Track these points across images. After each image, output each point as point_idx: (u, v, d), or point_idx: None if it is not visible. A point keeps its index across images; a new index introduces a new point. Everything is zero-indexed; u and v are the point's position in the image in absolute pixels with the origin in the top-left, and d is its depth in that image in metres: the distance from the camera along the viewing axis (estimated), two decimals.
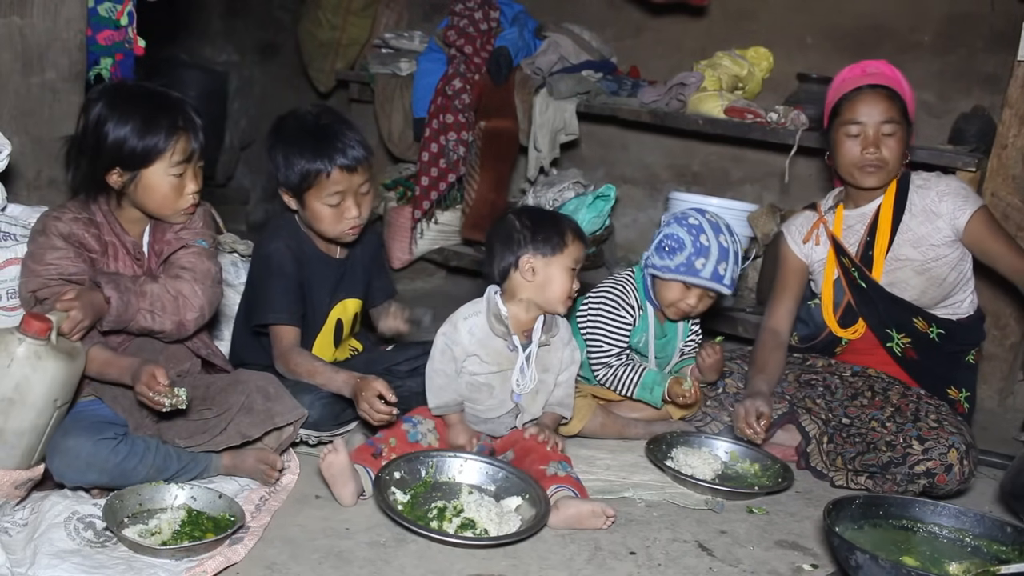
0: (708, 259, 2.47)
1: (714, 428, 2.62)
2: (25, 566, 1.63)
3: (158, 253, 2.08)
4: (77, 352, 1.89)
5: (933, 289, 2.58)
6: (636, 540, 2.01)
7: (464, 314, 2.25)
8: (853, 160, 2.56)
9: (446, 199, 4.06)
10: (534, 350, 2.24)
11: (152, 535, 1.78)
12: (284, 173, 2.27)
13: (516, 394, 2.24)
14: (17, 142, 2.32)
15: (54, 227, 1.97)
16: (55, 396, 1.83)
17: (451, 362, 2.23)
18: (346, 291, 2.44)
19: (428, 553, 1.84)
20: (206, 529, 1.82)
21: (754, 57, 3.85)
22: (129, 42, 2.74)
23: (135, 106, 1.98)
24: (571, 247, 2.23)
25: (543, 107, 3.87)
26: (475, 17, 4.01)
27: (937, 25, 3.59)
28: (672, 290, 2.54)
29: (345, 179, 2.24)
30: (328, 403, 2.24)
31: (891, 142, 2.53)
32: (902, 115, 2.54)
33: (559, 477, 2.10)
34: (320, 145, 2.23)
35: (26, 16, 2.38)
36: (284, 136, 2.29)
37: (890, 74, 2.60)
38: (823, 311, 2.72)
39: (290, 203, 2.32)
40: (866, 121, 2.52)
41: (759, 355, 2.66)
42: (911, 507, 2.07)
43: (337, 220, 2.28)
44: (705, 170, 4.13)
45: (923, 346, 2.60)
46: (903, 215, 2.59)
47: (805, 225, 2.76)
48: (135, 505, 1.86)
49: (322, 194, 2.24)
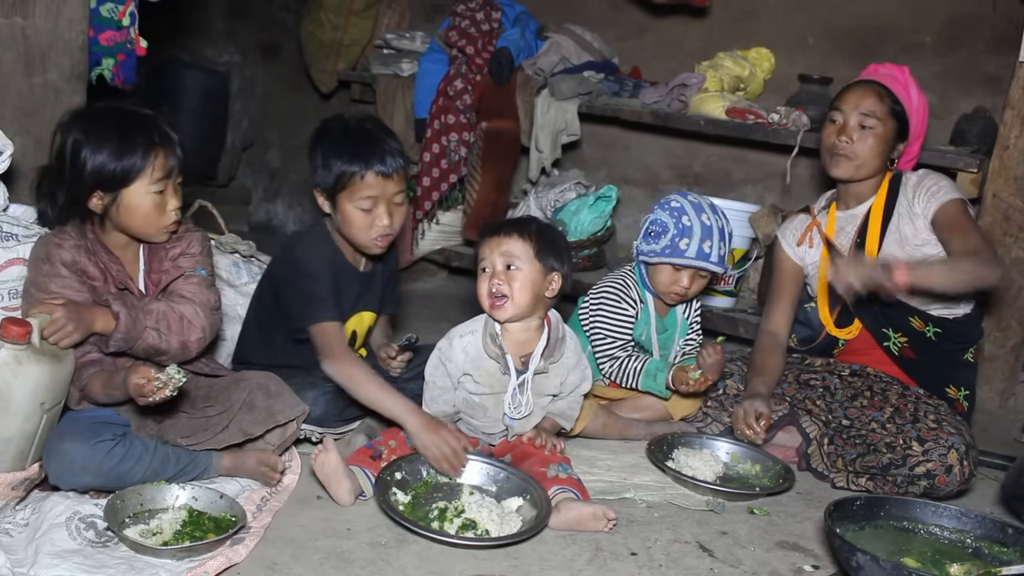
0: (692, 238, 2.48)
1: (715, 429, 2.62)
2: (27, 566, 1.63)
3: (156, 282, 2.07)
4: (63, 354, 1.88)
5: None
6: (637, 541, 2.01)
7: (460, 332, 2.23)
8: (826, 145, 2.63)
9: (447, 200, 4.06)
10: (528, 378, 2.19)
11: (154, 535, 1.78)
12: (321, 173, 2.27)
13: (509, 417, 2.22)
14: (19, 143, 2.32)
15: (57, 255, 1.97)
16: (41, 399, 1.82)
17: (445, 377, 2.22)
18: (365, 304, 2.44)
19: (429, 554, 1.84)
20: (207, 529, 1.82)
21: (755, 58, 3.85)
22: (131, 43, 2.74)
23: (109, 128, 1.97)
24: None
25: (545, 108, 3.87)
26: (477, 18, 4.02)
27: (939, 26, 3.59)
28: (663, 274, 2.55)
29: (379, 184, 2.23)
30: (332, 399, 2.24)
31: (867, 136, 2.56)
32: (889, 114, 2.56)
33: (560, 479, 2.10)
34: (359, 148, 2.23)
35: (28, 17, 2.39)
36: (325, 137, 2.30)
37: (900, 78, 2.62)
38: (819, 312, 2.73)
39: (323, 205, 2.31)
40: (845, 110, 2.58)
41: (757, 358, 2.67)
42: (912, 508, 2.07)
43: (368, 227, 2.26)
44: (707, 171, 4.13)
45: (920, 345, 2.60)
46: (892, 216, 2.61)
47: (799, 228, 2.78)
48: (136, 505, 1.86)
49: (355, 196, 2.23)
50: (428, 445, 2.06)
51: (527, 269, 2.16)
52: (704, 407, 2.65)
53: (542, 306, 2.22)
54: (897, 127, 2.59)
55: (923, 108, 2.64)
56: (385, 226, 2.26)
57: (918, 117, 2.62)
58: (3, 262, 2.08)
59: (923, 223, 2.56)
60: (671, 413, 2.63)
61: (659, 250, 2.52)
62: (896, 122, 2.58)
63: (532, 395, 2.20)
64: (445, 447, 2.06)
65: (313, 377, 2.28)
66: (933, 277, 2.40)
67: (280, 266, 2.38)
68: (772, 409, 2.50)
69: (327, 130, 2.32)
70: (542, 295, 2.20)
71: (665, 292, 2.58)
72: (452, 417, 2.25)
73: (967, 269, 2.41)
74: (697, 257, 2.49)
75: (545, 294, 2.20)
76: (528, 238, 2.17)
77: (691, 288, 2.55)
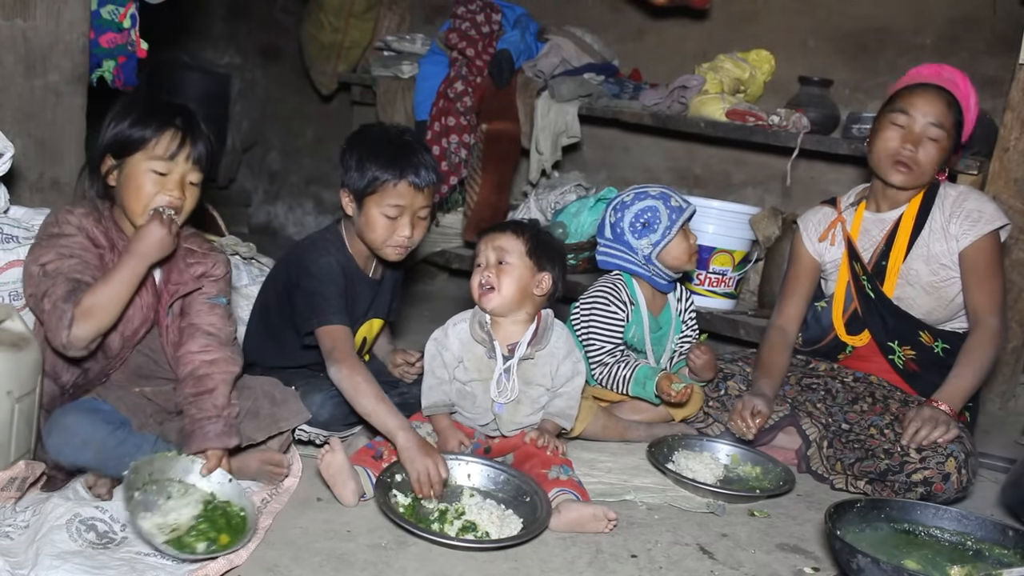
0: (669, 199, 2.59)
1: (716, 430, 2.62)
2: (27, 568, 1.63)
3: (172, 293, 2.05)
4: (24, 341, 1.85)
5: (940, 310, 2.55)
6: (637, 543, 2.01)
7: (454, 321, 2.28)
8: (888, 150, 2.49)
9: (448, 202, 4.06)
10: (514, 363, 2.23)
11: (172, 531, 1.76)
12: (353, 175, 2.28)
13: (497, 404, 2.24)
14: (20, 144, 2.32)
15: (65, 218, 1.97)
16: (8, 388, 1.80)
17: (442, 367, 2.25)
18: (375, 311, 2.45)
19: (429, 556, 1.84)
20: (220, 528, 1.80)
21: (756, 60, 3.85)
22: (132, 45, 2.75)
23: (140, 104, 2.01)
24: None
25: (545, 110, 3.87)
26: (477, 20, 4.02)
27: (939, 28, 3.60)
28: (676, 248, 2.59)
29: (409, 195, 2.25)
30: (339, 403, 2.24)
31: (931, 148, 2.45)
32: (953, 127, 2.46)
33: (561, 480, 2.10)
34: (397, 156, 2.25)
35: (29, 19, 2.39)
36: (364, 140, 2.32)
37: (961, 86, 2.50)
38: (832, 315, 2.68)
39: (347, 207, 2.32)
40: (915, 115, 2.45)
41: (765, 356, 2.63)
42: (913, 510, 2.07)
43: (389, 234, 2.27)
44: (707, 173, 4.13)
45: (926, 360, 2.57)
46: (923, 229, 2.54)
47: (823, 223, 2.70)
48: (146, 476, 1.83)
49: (383, 202, 2.24)
50: (415, 465, 2.04)
51: (517, 264, 2.23)
52: (705, 407, 2.65)
53: (531, 303, 2.26)
54: (956, 139, 2.49)
55: (975, 112, 2.54)
56: (406, 237, 2.27)
57: (970, 124, 2.53)
58: (3, 264, 2.08)
59: (956, 246, 2.49)
60: (672, 414, 2.63)
61: (668, 225, 2.56)
62: (956, 134, 2.48)
63: (520, 383, 2.23)
64: (430, 472, 2.04)
65: (320, 381, 2.28)
66: (967, 392, 2.40)
67: (290, 269, 2.37)
68: (773, 411, 2.49)
69: (366, 134, 2.35)
70: (530, 292, 2.24)
71: (683, 258, 2.60)
72: (450, 408, 2.27)
73: (986, 361, 2.41)
74: (687, 205, 2.60)
75: (534, 291, 2.25)
76: (521, 236, 2.25)
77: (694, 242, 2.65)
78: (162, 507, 1.82)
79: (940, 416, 2.32)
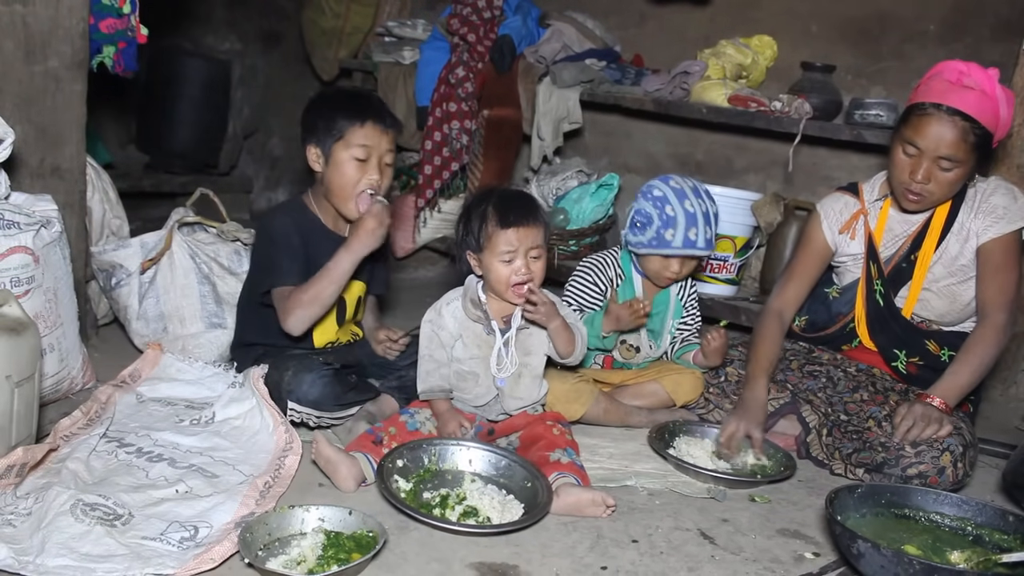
0: (677, 228, 2.51)
1: (717, 416, 2.62)
2: (32, 555, 1.63)
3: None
4: (22, 326, 1.85)
5: (954, 313, 2.53)
6: (638, 528, 2.02)
7: (446, 300, 2.31)
8: (900, 179, 2.41)
9: (449, 188, 4.06)
10: (512, 335, 2.24)
11: (298, 564, 1.68)
12: (319, 127, 2.35)
13: (499, 379, 2.25)
14: (20, 130, 2.32)
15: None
16: (7, 372, 1.80)
17: (439, 348, 2.26)
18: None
19: (431, 541, 1.85)
20: (349, 550, 1.73)
21: (758, 46, 3.83)
22: (132, 30, 2.73)
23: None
24: (496, 237, 2.19)
25: (546, 96, 3.86)
26: (478, 5, 4.00)
27: (943, 13, 3.57)
28: (652, 262, 2.60)
29: (375, 136, 2.33)
30: (329, 382, 2.26)
31: (944, 177, 2.35)
32: (972, 151, 2.32)
33: (562, 464, 2.11)
34: (359, 103, 2.38)
35: (28, 4, 2.38)
36: (326, 96, 2.44)
37: (989, 91, 2.31)
38: (855, 308, 2.61)
39: (315, 163, 2.38)
40: (924, 149, 2.33)
41: (761, 345, 2.59)
42: (913, 496, 2.07)
43: (358, 177, 2.33)
44: (708, 159, 4.12)
45: (930, 365, 2.54)
46: (949, 233, 2.48)
47: (845, 212, 2.62)
48: (264, 536, 1.75)
49: (352, 143, 2.32)
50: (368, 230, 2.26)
51: (544, 249, 2.24)
52: (706, 393, 2.65)
53: None
54: (980, 156, 2.36)
55: (1010, 115, 2.36)
56: (375, 180, 2.34)
57: (1004, 129, 2.38)
58: (5, 250, 2.08)
59: (974, 243, 2.44)
60: (673, 400, 2.64)
61: (646, 242, 2.56)
62: (979, 152, 2.34)
63: (519, 354, 2.24)
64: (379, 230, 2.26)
65: (311, 361, 2.29)
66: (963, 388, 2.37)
67: (257, 239, 2.46)
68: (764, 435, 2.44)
69: (327, 93, 2.49)
70: None
71: (657, 277, 2.62)
72: (447, 393, 2.28)
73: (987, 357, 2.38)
74: (684, 246, 2.51)
75: None
76: (543, 223, 2.24)
77: (682, 271, 2.60)
78: (287, 551, 1.73)
79: (932, 413, 2.30)
